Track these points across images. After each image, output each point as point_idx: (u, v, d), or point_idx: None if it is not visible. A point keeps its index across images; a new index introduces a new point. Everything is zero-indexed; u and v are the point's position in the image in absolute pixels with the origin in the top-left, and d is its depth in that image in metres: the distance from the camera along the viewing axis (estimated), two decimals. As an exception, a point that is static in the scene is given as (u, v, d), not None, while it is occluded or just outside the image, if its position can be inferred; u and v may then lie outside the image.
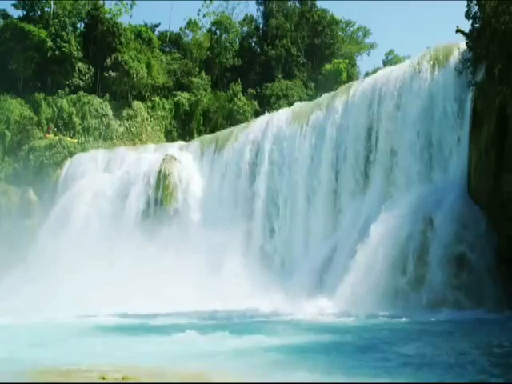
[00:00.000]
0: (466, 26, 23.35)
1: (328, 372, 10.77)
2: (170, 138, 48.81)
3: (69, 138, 44.57)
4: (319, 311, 20.76)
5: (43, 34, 47.28)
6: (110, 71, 47.86)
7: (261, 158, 32.64)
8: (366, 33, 65.34)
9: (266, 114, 37.07)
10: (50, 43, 47.04)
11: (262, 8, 59.99)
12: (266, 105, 51.02)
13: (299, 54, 57.16)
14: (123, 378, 9.95)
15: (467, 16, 22.87)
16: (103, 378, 10.06)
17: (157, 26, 58.48)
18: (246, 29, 60.96)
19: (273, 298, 23.33)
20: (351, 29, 65.29)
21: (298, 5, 60.61)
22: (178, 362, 12.19)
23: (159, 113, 49.79)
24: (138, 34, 52.97)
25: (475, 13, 22.60)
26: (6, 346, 14.50)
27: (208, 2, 59.95)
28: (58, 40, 47.45)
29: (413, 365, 11.39)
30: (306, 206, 29.73)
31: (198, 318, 21.02)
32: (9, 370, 11.16)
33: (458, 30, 24.04)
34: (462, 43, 24.54)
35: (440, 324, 17.97)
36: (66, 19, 50.07)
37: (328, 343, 14.41)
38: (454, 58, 24.59)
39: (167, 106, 50.47)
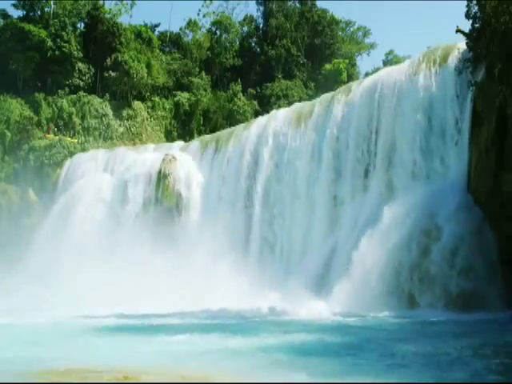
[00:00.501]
0: (466, 26, 23.39)
1: (328, 372, 10.76)
2: (169, 137, 48.85)
3: (69, 138, 44.61)
4: (319, 311, 20.72)
5: (43, 33, 47.32)
6: (110, 71, 47.92)
7: (260, 157, 32.64)
8: (366, 33, 65.47)
9: (266, 113, 37.13)
10: (50, 43, 47.08)
11: (262, 8, 60.14)
12: (266, 105, 51.10)
13: (299, 53, 57.20)
14: (124, 378, 9.94)
15: (467, 16, 22.85)
16: (103, 378, 10.05)
17: (157, 25, 58.63)
18: (246, 29, 61.06)
19: (272, 298, 23.29)
20: (351, 29, 65.42)
21: (297, 5, 60.72)
22: (178, 362, 12.18)
23: (159, 113, 49.84)
24: (138, 34, 53.03)
25: (475, 13, 22.58)
26: (6, 345, 14.49)
27: (208, 1, 60.14)
28: (58, 40, 47.50)
29: (413, 365, 11.38)
30: (305, 205, 29.73)
31: (198, 318, 21.02)
32: (9, 370, 11.16)
33: (457, 30, 24.02)
34: (461, 43, 24.52)
35: (440, 324, 17.97)
36: (66, 19, 50.10)
37: (328, 343, 14.39)
38: (454, 57, 24.57)
39: (167, 106, 50.52)
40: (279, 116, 33.77)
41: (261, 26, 60.40)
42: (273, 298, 23.37)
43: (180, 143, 41.80)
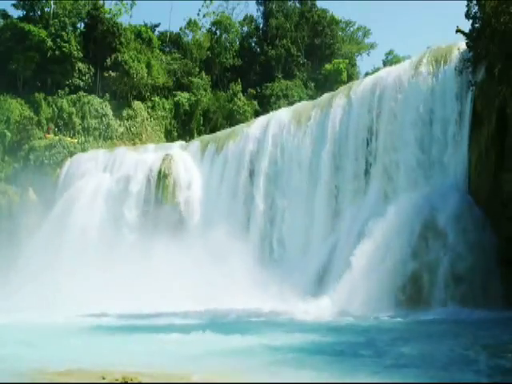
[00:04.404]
0: (466, 26, 23.39)
1: (328, 372, 10.76)
2: (169, 138, 48.82)
3: (69, 138, 44.59)
4: (319, 311, 20.74)
5: (43, 33, 47.26)
6: (110, 71, 47.89)
7: (260, 158, 32.63)
8: (366, 33, 65.41)
9: (266, 113, 37.16)
10: (49, 43, 47.03)
11: (261, 8, 60.11)
12: (265, 105, 51.07)
13: (299, 53, 57.18)
14: (123, 378, 9.94)
15: (467, 16, 22.86)
16: (103, 378, 10.05)
17: (157, 25, 58.56)
18: (245, 29, 61.03)
19: (272, 298, 23.31)
20: (351, 29, 65.35)
21: (298, 5, 60.68)
22: (178, 362, 12.18)
23: (159, 113, 49.81)
24: (138, 34, 52.99)
25: (475, 13, 22.59)
26: (6, 345, 14.49)
27: (208, 1, 60.06)
28: (58, 40, 47.44)
29: (412, 365, 11.39)
30: (305, 206, 29.72)
31: (197, 318, 21.03)
32: (8, 370, 11.16)
33: (458, 30, 24.03)
34: (461, 43, 24.54)
35: (440, 324, 17.97)
36: (66, 19, 50.05)
37: (327, 343, 14.41)
38: (454, 57, 24.59)
39: (167, 106, 50.49)
40: (279, 116, 33.76)
41: (261, 25, 60.37)
42: (273, 297, 23.38)
43: (180, 143, 41.75)
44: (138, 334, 16.93)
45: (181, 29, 59.54)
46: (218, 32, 58.92)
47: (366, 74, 49.23)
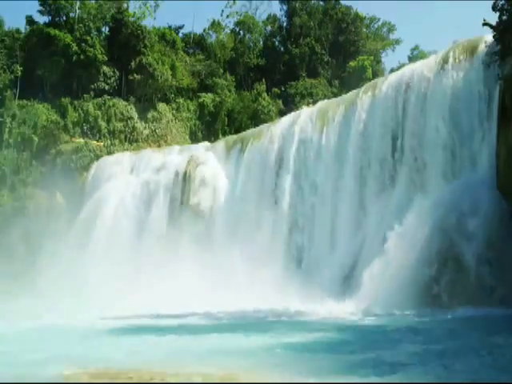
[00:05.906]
0: (493, 18, 22.98)
1: (332, 372, 10.65)
2: (194, 139, 48.98)
3: (95, 142, 45.03)
4: (343, 310, 20.56)
5: (68, 38, 47.84)
6: (135, 74, 48.24)
7: (286, 157, 32.48)
8: (391, 28, 64.76)
9: (291, 112, 37.03)
10: (75, 48, 47.58)
11: (285, 7, 60.09)
12: (290, 104, 50.92)
13: (323, 51, 56.96)
14: (150, 379, 9.97)
15: (494, 8, 22.45)
16: (131, 379, 10.08)
17: (180, 27, 58.95)
18: (269, 28, 61.04)
19: (298, 298, 23.15)
20: (375, 25, 64.78)
21: (321, 2, 60.54)
22: (203, 362, 12.16)
23: (184, 114, 50.02)
24: (162, 37, 53.38)
25: (502, 5, 22.18)
26: (35, 347, 14.58)
27: (231, 2, 60.20)
28: (83, 44, 47.99)
29: (418, 364, 11.24)
30: (331, 204, 29.49)
31: (221, 318, 21.04)
32: (36, 371, 11.24)
33: (484, 23, 23.58)
34: (488, 36, 24.10)
35: (460, 322, 17.68)
36: (91, 23, 50.66)
37: (336, 342, 14.43)
38: (481, 51, 24.18)
39: (192, 108, 50.69)
40: (304, 115, 33.57)
41: (284, 24, 60.33)
42: (298, 297, 23.22)
43: (205, 144, 41.80)
44: (164, 335, 16.92)
45: (204, 30, 59.91)
46: (241, 32, 59.06)
47: (392, 71, 48.83)
